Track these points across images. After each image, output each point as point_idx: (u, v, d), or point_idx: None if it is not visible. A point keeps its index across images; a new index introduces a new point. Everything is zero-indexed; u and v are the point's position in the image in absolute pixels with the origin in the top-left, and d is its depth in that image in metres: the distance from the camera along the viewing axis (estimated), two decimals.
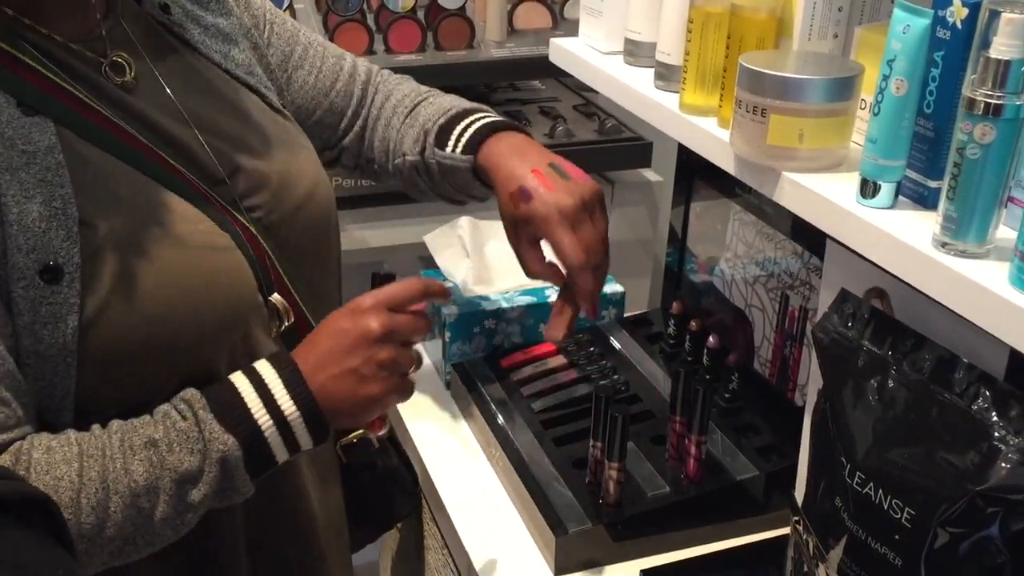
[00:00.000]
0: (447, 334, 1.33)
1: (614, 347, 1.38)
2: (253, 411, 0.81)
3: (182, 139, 0.88)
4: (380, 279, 0.94)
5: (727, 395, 1.24)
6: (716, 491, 1.10)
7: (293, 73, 1.07)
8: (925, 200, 0.78)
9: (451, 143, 1.03)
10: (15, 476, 0.60)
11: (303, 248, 0.95)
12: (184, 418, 0.80)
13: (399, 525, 1.32)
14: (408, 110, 1.10)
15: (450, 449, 1.28)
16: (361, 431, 1.05)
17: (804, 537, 0.91)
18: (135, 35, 0.89)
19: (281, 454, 0.84)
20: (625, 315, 1.46)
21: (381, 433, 1.02)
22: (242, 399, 0.82)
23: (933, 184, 0.76)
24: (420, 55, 1.75)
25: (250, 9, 1.03)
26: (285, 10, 1.74)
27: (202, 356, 0.85)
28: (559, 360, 1.34)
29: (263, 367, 0.84)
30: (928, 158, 0.76)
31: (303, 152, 0.99)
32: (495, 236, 1.52)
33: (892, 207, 0.78)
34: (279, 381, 0.83)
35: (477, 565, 1.08)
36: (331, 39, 1.71)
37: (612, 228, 1.82)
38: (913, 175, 0.78)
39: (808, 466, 0.94)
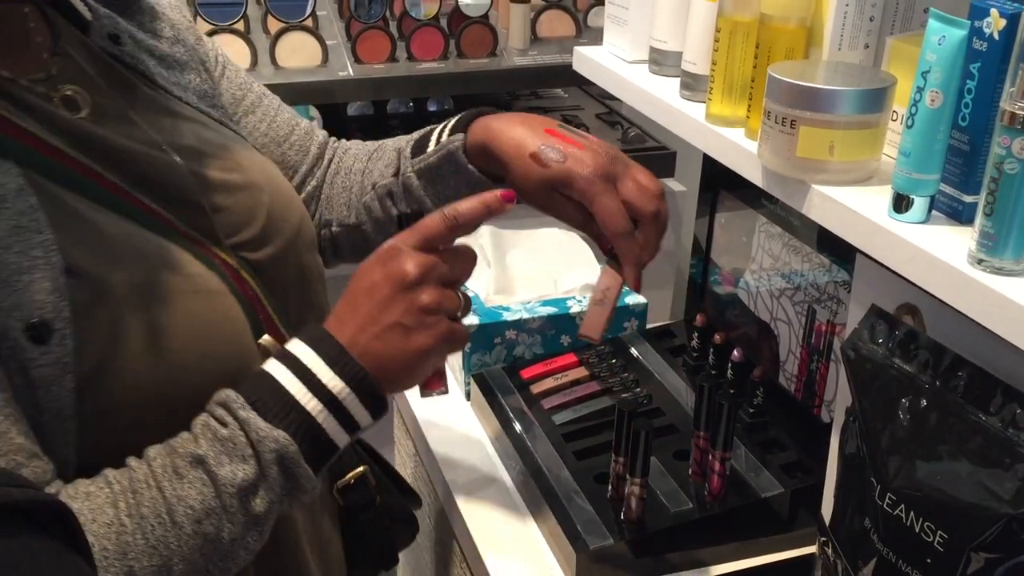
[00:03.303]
0: (467, 344, 1.32)
1: (636, 359, 1.36)
2: (299, 398, 0.73)
3: (158, 169, 0.80)
4: (407, 219, 0.82)
5: (752, 410, 1.22)
6: (740, 508, 1.08)
7: (244, 117, 1.00)
8: (960, 215, 0.76)
9: (432, 143, 0.94)
10: (32, 484, 0.59)
11: (290, 284, 0.89)
12: (225, 424, 0.72)
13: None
14: (370, 152, 1.03)
15: (469, 461, 1.26)
16: (359, 470, 0.98)
17: (832, 559, 0.89)
18: (90, 69, 0.81)
19: (340, 438, 0.75)
20: (648, 327, 1.44)
21: (441, 391, 0.87)
22: (283, 388, 0.73)
23: (968, 199, 0.74)
24: (442, 63, 1.74)
25: (202, 43, 0.97)
26: (307, 17, 1.74)
27: (203, 401, 0.76)
28: (580, 372, 1.33)
29: (297, 347, 0.75)
30: (963, 172, 0.74)
31: (286, 184, 0.93)
32: (517, 246, 1.51)
33: (925, 222, 0.76)
34: (318, 358, 0.74)
35: None
36: (353, 46, 1.71)
37: None
38: (947, 189, 0.76)
39: (836, 485, 0.92)
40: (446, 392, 0.86)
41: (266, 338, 0.82)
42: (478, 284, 1.38)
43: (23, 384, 0.67)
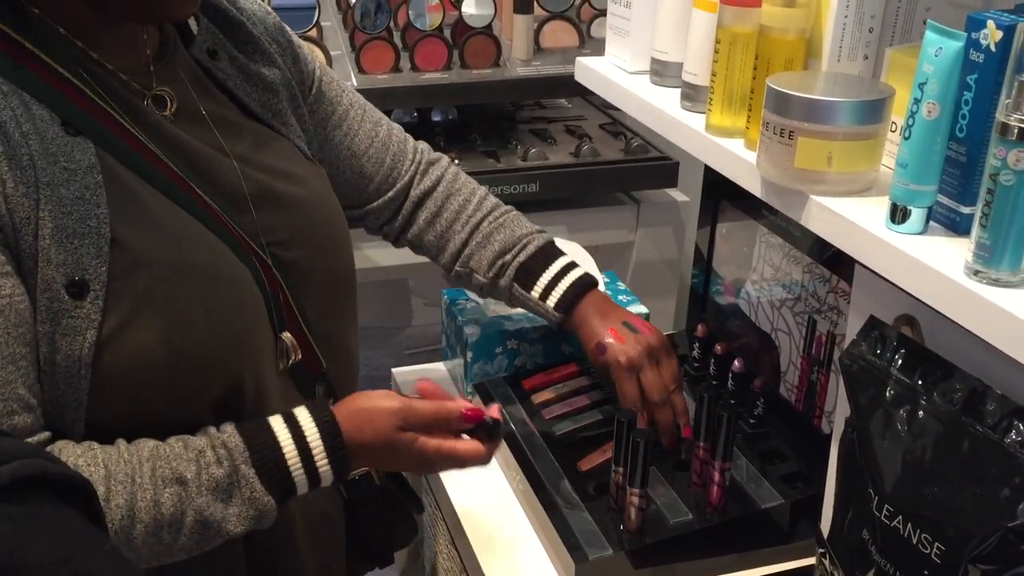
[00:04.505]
0: (469, 354, 1.32)
1: None
2: (292, 469, 0.85)
3: (217, 170, 0.90)
4: (484, 427, 0.95)
5: (752, 420, 1.22)
6: (740, 519, 1.08)
7: (331, 132, 1.11)
8: (957, 226, 0.76)
9: (537, 290, 1.14)
10: (59, 459, 0.62)
11: (315, 286, 0.97)
12: (220, 464, 0.82)
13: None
14: (474, 223, 1.17)
15: (470, 471, 1.26)
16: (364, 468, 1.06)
17: (830, 570, 0.89)
18: (184, 76, 0.92)
19: (302, 491, 0.87)
20: None
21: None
22: (284, 458, 0.84)
23: (965, 210, 0.74)
24: (446, 73, 1.74)
25: (298, 65, 1.06)
26: (312, 28, 1.75)
27: (211, 384, 0.86)
28: (581, 382, 1.33)
29: (305, 421, 0.86)
30: (960, 183, 0.74)
31: (330, 199, 1.03)
32: None
33: (923, 233, 0.76)
34: (320, 442, 0.86)
35: None
36: (357, 57, 1.71)
37: (637, 248, 1.82)
38: (945, 200, 0.76)
39: (835, 497, 0.92)
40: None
41: (285, 334, 0.92)
42: None
43: (52, 330, 0.77)
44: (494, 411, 0.95)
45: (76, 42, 0.83)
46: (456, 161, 1.73)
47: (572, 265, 1.16)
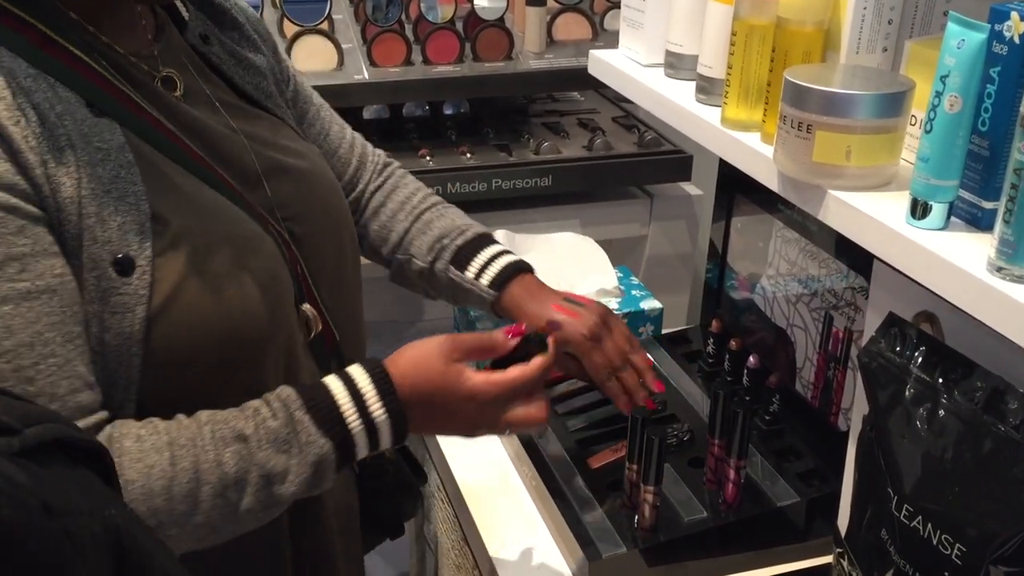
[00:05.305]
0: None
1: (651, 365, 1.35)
2: (346, 415, 0.84)
3: (230, 147, 0.91)
4: (531, 341, 0.94)
5: (767, 417, 1.21)
6: (755, 517, 1.07)
7: (307, 129, 1.12)
8: (979, 222, 0.74)
9: (472, 270, 1.10)
10: (72, 423, 0.63)
11: (327, 259, 0.98)
12: (275, 417, 0.82)
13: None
14: (416, 212, 1.16)
15: (482, 468, 1.26)
16: None
17: (848, 569, 0.88)
18: (184, 59, 0.94)
19: (362, 453, 0.86)
20: (663, 332, 1.43)
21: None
22: (336, 402, 0.84)
23: (988, 205, 0.73)
24: (458, 66, 1.73)
25: (277, 56, 1.08)
26: (324, 21, 1.74)
27: (256, 355, 0.87)
28: None
29: (355, 370, 0.87)
30: (983, 178, 0.73)
31: (331, 174, 1.04)
32: (532, 250, 1.51)
33: (944, 228, 0.75)
34: (372, 386, 0.86)
35: None
36: (369, 50, 1.70)
37: (650, 242, 1.81)
38: (967, 195, 0.75)
39: (852, 496, 0.91)
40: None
41: (306, 306, 0.93)
42: None
43: (101, 309, 0.78)
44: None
45: (88, 26, 0.84)
46: (468, 155, 1.72)
47: (510, 252, 1.14)
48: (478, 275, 1.10)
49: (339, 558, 1.02)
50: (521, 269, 1.11)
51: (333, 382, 0.86)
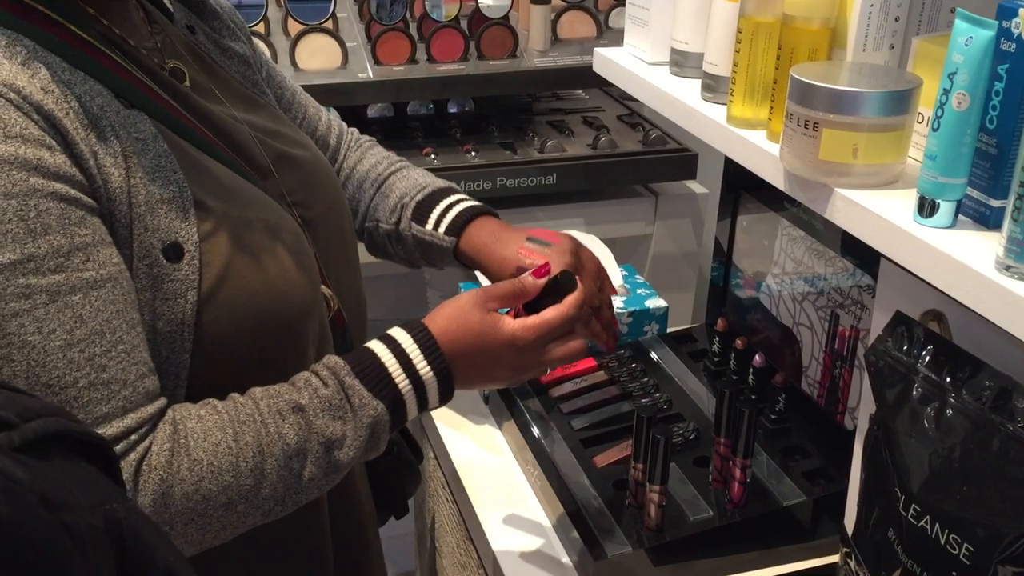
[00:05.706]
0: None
1: (656, 363, 1.35)
2: (394, 375, 0.86)
3: (240, 137, 0.93)
4: (558, 281, 0.93)
5: (773, 416, 1.20)
6: (761, 516, 1.07)
7: (283, 113, 1.12)
8: (987, 220, 0.74)
9: (431, 221, 1.08)
10: (74, 417, 0.64)
11: (333, 241, 1.00)
12: (326, 385, 0.84)
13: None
14: (381, 178, 1.15)
15: (488, 466, 1.25)
16: None
17: (855, 569, 0.87)
18: (182, 50, 0.94)
19: (413, 414, 0.88)
20: (668, 330, 1.42)
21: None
22: (383, 364, 0.86)
23: (996, 203, 0.73)
24: (463, 64, 1.73)
25: (251, 45, 1.09)
26: (328, 19, 1.74)
27: (298, 331, 0.89)
28: (600, 376, 1.32)
29: (397, 332, 0.89)
30: (991, 176, 0.73)
31: (326, 160, 1.06)
32: None
33: (952, 227, 0.75)
34: (415, 346, 0.87)
35: None
36: (374, 48, 1.70)
37: (656, 241, 1.81)
38: (974, 193, 0.74)
39: (859, 495, 0.90)
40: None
41: (325, 288, 0.95)
42: None
43: (152, 297, 0.79)
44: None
45: (101, 19, 0.85)
46: (473, 154, 1.72)
47: (469, 199, 1.10)
48: (436, 225, 1.07)
49: (372, 541, 1.05)
50: (480, 213, 1.07)
51: (377, 345, 0.87)
